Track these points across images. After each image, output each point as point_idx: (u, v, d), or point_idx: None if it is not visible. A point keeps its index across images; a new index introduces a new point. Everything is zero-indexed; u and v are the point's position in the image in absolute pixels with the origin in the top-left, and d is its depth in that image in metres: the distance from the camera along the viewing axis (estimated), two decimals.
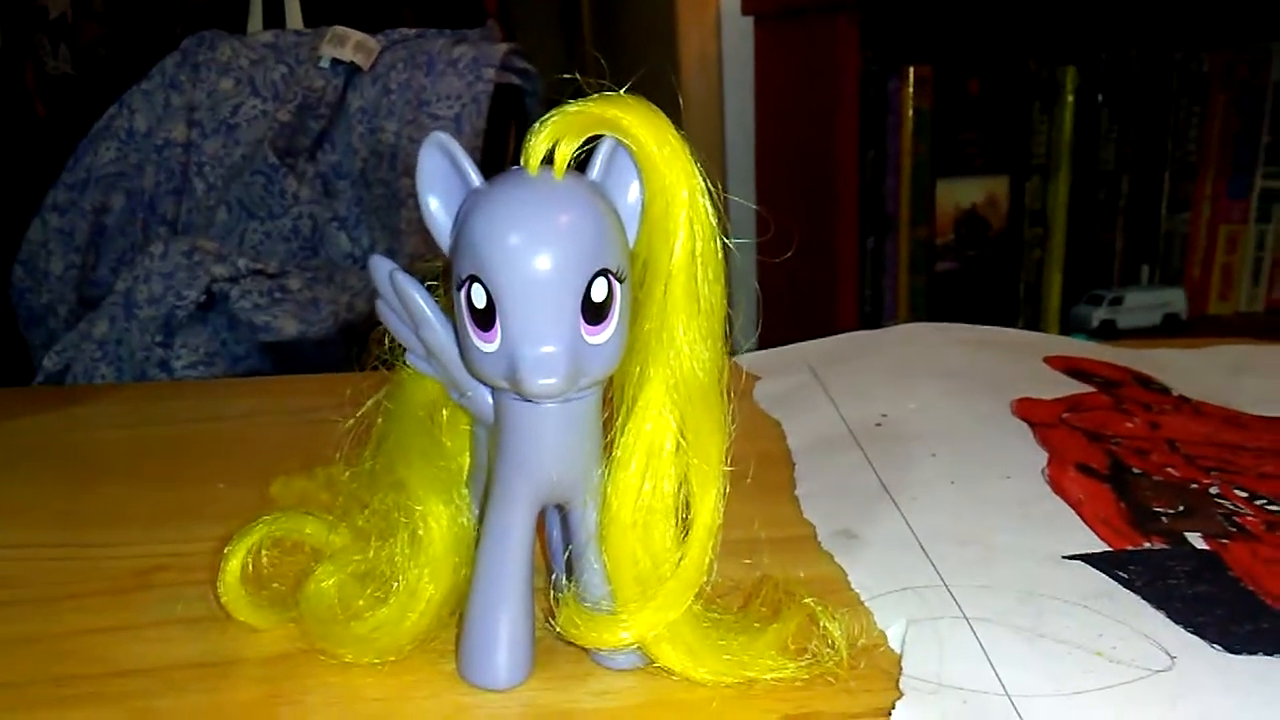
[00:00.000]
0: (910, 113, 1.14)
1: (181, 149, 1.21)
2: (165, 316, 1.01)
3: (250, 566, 0.32)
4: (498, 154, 1.24)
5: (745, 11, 1.32)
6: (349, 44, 1.20)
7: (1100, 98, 1.18)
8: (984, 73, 1.15)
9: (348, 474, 0.33)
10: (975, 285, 1.20)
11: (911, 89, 1.13)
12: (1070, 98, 1.17)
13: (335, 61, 1.21)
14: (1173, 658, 0.29)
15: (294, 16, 1.33)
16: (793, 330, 0.62)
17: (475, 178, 0.28)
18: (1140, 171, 1.22)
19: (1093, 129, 1.19)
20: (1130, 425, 0.46)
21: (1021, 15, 1.20)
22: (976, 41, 1.19)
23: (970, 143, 1.17)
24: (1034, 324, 1.22)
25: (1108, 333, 1.18)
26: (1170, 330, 1.20)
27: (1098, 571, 0.33)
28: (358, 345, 0.34)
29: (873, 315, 1.18)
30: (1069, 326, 1.22)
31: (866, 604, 0.32)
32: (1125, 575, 0.33)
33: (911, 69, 1.12)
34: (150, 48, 1.30)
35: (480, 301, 0.26)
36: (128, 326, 1.02)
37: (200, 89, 1.22)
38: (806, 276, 1.16)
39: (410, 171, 1.17)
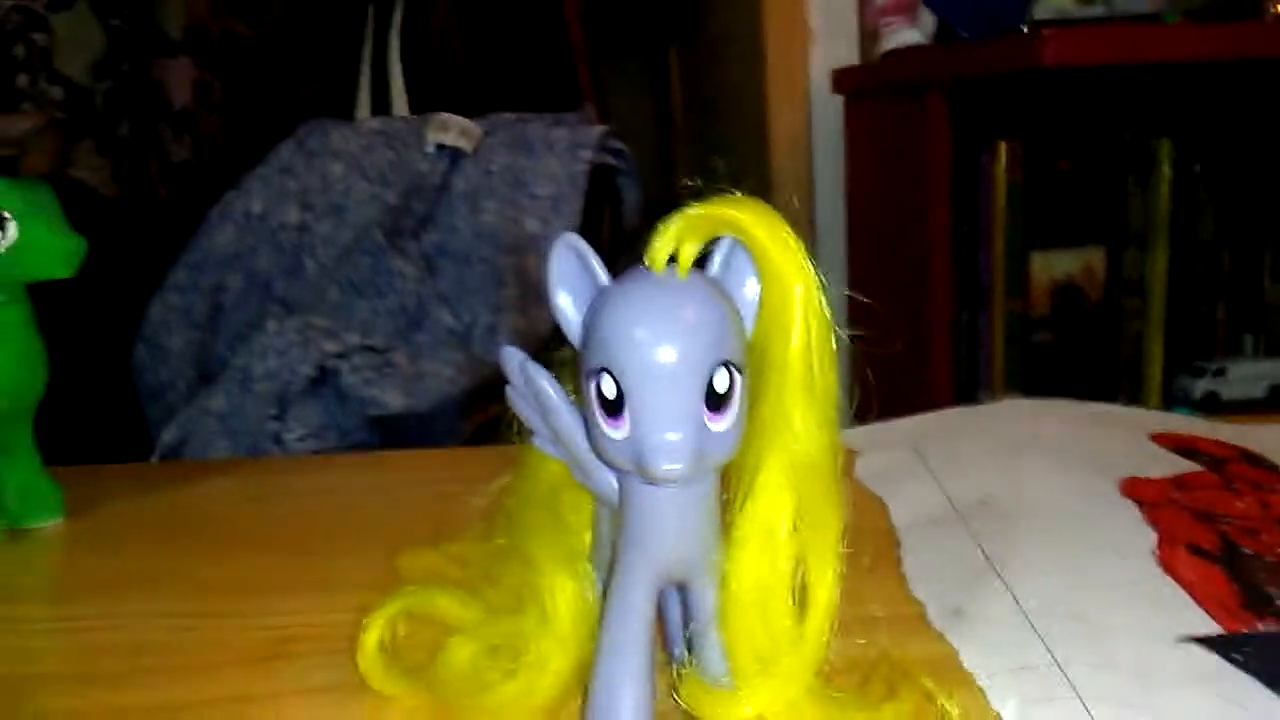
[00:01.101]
0: (1003, 187, 1.14)
1: (295, 231, 1.27)
2: (279, 391, 1.05)
3: (387, 638, 0.34)
4: (594, 230, 1.27)
5: (835, 90, 1.35)
6: (453, 130, 1.25)
7: (1197, 169, 1.17)
8: (1075, 149, 1.15)
9: (479, 549, 0.35)
10: (1072, 357, 1.19)
11: (1004, 164, 1.14)
12: (1166, 169, 1.17)
13: (440, 146, 1.26)
14: None
15: (400, 104, 1.40)
16: (887, 405, 0.62)
17: (604, 275, 0.30)
18: (1241, 242, 1.20)
19: (1190, 200, 1.18)
20: (1240, 505, 0.46)
21: (1113, 91, 1.20)
22: (1067, 118, 1.19)
23: (1064, 214, 1.17)
24: (1134, 396, 1.20)
25: (1211, 405, 1.16)
26: (1276, 403, 1.17)
27: (1212, 653, 0.34)
28: (461, 418, 0.35)
29: (968, 387, 1.18)
30: (1171, 398, 1.20)
31: (979, 683, 0.33)
32: (1240, 658, 0.33)
33: (1003, 145, 1.13)
34: (266, 136, 1.37)
35: (610, 392, 0.28)
36: (243, 400, 1.07)
37: (313, 174, 1.29)
38: (900, 351, 1.17)
39: (511, 250, 1.21)
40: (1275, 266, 1.21)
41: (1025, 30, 1.03)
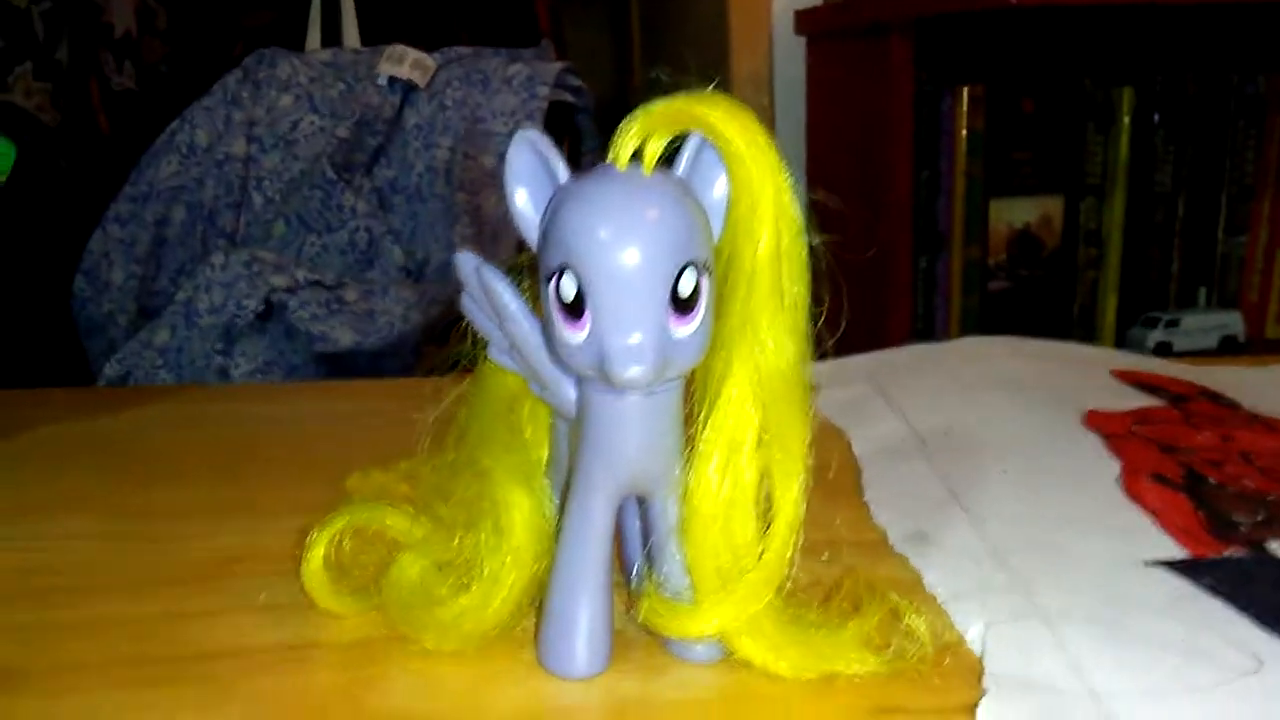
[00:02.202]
0: (964, 132, 1.13)
1: (241, 163, 1.23)
2: (225, 325, 1.02)
3: (333, 555, 0.33)
4: None
5: (798, 31, 1.33)
6: (406, 62, 1.22)
7: (1156, 118, 1.17)
8: (1038, 93, 1.15)
9: (429, 465, 0.34)
10: (1028, 305, 1.19)
11: (965, 108, 1.13)
12: (1126, 119, 1.16)
13: (392, 79, 1.22)
14: (1261, 661, 0.28)
15: (352, 35, 1.35)
16: (846, 349, 0.62)
17: (564, 173, 0.28)
18: (1197, 193, 1.20)
19: (1148, 150, 1.18)
20: (1201, 438, 0.46)
21: (1076, 36, 1.20)
22: (1030, 62, 1.19)
23: (1024, 162, 1.16)
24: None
25: (1163, 355, 1.16)
26: (1228, 353, 1.18)
27: (1180, 577, 0.33)
28: (412, 357, 0.34)
29: (925, 334, 1.18)
30: (1125, 348, 1.21)
31: (944, 605, 0.32)
32: (1209, 581, 0.33)
33: (965, 89, 1.12)
34: (212, 65, 1.33)
35: (570, 293, 0.27)
36: (188, 335, 1.04)
37: (260, 105, 1.25)
38: (859, 295, 1.16)
39: (465, 186, 1.18)
40: (1229, 219, 1.22)
41: None
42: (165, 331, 1.05)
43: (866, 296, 1.16)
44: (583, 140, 1.27)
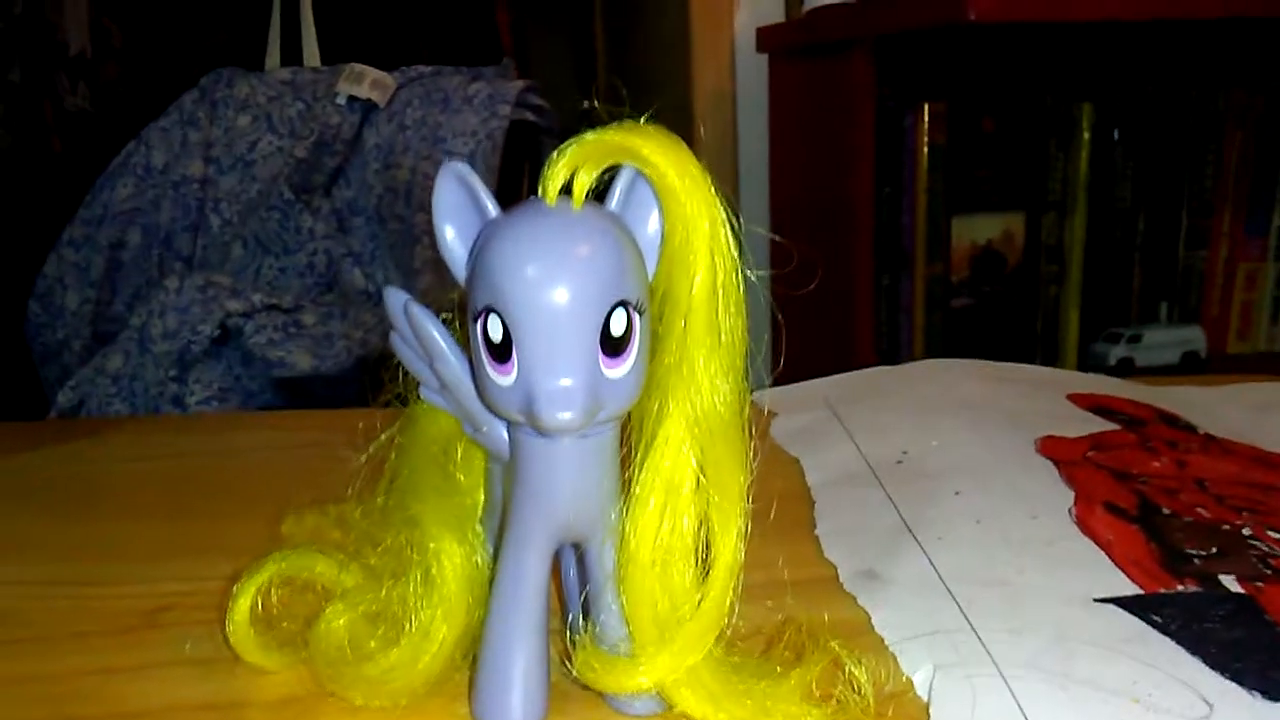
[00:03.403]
0: (925, 149, 1.14)
1: (198, 185, 1.21)
2: (179, 351, 1.01)
3: (260, 605, 0.31)
4: (512, 191, 1.24)
5: (760, 49, 1.33)
6: (366, 81, 1.21)
7: (1116, 134, 1.18)
8: (999, 110, 1.15)
9: (359, 511, 0.33)
10: (991, 322, 1.19)
11: (926, 125, 1.13)
12: (1086, 134, 1.17)
13: (352, 99, 1.21)
14: (1210, 705, 0.28)
15: (311, 54, 1.34)
16: (808, 367, 0.61)
17: (492, 208, 0.27)
18: (1157, 208, 1.21)
19: (1109, 166, 1.18)
20: (1157, 464, 0.45)
21: (1036, 53, 1.20)
22: (991, 78, 1.19)
23: (985, 179, 1.16)
24: (1051, 361, 1.21)
25: (1126, 370, 1.17)
26: (1190, 369, 1.19)
27: (1130, 615, 0.32)
28: (371, 381, 0.33)
29: (889, 352, 1.17)
30: (1087, 364, 1.21)
31: (892, 648, 0.32)
32: (1159, 619, 0.32)
33: (926, 105, 1.12)
34: (168, 85, 1.31)
35: (496, 334, 0.26)
36: (142, 361, 1.02)
37: (218, 126, 1.23)
38: (822, 313, 1.16)
39: (425, 208, 1.17)
40: (1190, 234, 1.22)
41: None
42: (119, 358, 1.04)
43: (830, 315, 1.15)
44: (544, 160, 1.26)
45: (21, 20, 1.30)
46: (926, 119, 1.12)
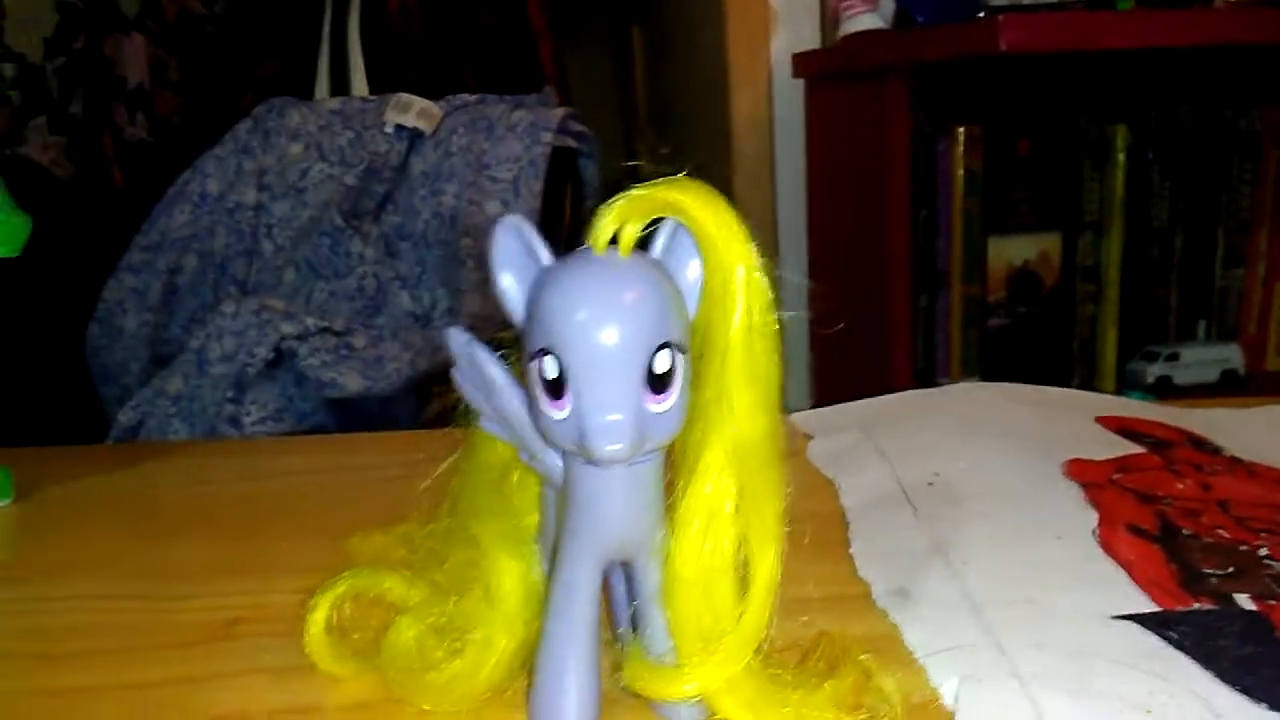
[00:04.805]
0: (961, 172, 1.15)
1: (252, 212, 1.26)
2: (236, 374, 1.04)
3: (334, 618, 0.34)
4: (555, 214, 1.27)
5: (796, 75, 1.35)
6: (413, 110, 1.24)
7: (1151, 155, 1.19)
8: (1034, 132, 1.17)
9: (424, 531, 0.35)
10: (1028, 342, 1.20)
11: (962, 149, 1.14)
12: (1121, 155, 1.18)
13: (399, 127, 1.25)
14: (1220, 717, 0.30)
15: (359, 84, 1.38)
16: (847, 388, 0.63)
17: (546, 256, 0.30)
18: (1193, 227, 1.22)
19: (1144, 186, 1.19)
20: (1181, 486, 0.47)
21: (1070, 76, 1.21)
22: (1026, 102, 1.20)
23: (1021, 201, 1.18)
24: (1089, 381, 1.22)
25: (1164, 389, 1.18)
26: (1228, 387, 1.19)
27: (1147, 631, 0.34)
28: (420, 401, 0.35)
29: (926, 373, 1.19)
30: (1125, 383, 1.22)
31: (920, 661, 0.34)
32: (1174, 635, 0.34)
33: (961, 129, 1.14)
34: (223, 115, 1.36)
35: (551, 373, 0.28)
36: (200, 383, 1.06)
37: (270, 154, 1.27)
38: (859, 335, 1.18)
39: (470, 232, 1.21)
40: (1227, 252, 1.23)
41: (981, 15, 1.03)
42: (178, 379, 1.07)
43: (868, 335, 1.17)
44: (585, 185, 1.29)
45: (82, 55, 1.35)
46: (961, 142, 1.14)
